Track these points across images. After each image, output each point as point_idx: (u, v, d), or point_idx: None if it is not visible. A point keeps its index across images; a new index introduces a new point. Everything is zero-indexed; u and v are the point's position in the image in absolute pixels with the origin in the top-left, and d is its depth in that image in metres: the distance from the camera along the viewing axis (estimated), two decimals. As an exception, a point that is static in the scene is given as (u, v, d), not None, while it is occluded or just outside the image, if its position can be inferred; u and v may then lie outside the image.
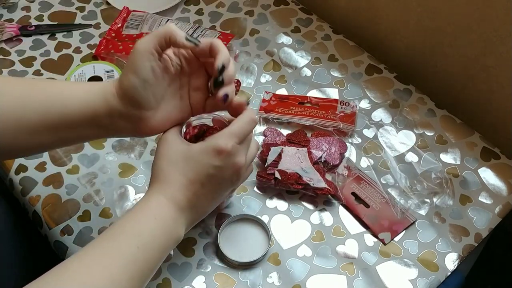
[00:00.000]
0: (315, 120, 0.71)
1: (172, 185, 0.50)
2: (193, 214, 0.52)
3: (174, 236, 0.50)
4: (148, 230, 0.48)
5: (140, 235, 0.48)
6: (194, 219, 0.53)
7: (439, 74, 0.79)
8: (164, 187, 0.50)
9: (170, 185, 0.50)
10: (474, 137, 0.71)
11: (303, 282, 0.59)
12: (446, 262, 0.60)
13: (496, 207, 0.65)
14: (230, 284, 0.59)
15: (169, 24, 0.51)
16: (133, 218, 0.49)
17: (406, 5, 0.76)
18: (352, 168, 0.67)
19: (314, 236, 0.63)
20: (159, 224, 0.49)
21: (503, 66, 0.69)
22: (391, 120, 0.73)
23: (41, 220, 0.64)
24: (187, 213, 0.51)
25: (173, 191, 0.50)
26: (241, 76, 0.78)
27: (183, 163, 0.50)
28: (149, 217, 0.49)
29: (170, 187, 0.50)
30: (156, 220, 0.49)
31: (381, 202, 0.64)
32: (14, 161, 0.68)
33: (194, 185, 0.50)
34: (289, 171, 0.64)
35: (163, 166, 0.51)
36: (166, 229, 0.49)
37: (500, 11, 0.64)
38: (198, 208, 0.52)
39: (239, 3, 0.88)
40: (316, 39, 0.83)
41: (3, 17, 0.86)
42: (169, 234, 0.50)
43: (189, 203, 0.50)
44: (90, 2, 0.88)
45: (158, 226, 0.49)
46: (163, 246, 0.49)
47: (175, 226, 0.50)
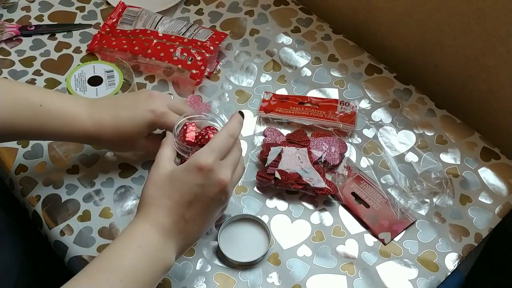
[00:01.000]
0: (315, 120, 0.71)
1: (157, 210, 0.50)
2: (183, 238, 0.51)
3: (161, 264, 0.49)
4: (131, 261, 0.47)
5: (122, 268, 0.47)
6: (185, 244, 0.52)
7: (439, 74, 0.79)
8: (149, 212, 0.50)
9: (155, 209, 0.50)
10: (474, 137, 0.71)
11: (303, 282, 0.59)
12: (446, 262, 0.60)
13: (496, 207, 0.65)
14: (230, 284, 0.59)
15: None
16: (116, 251, 0.48)
17: (406, 5, 0.76)
18: (352, 168, 0.67)
19: (314, 236, 0.63)
20: (144, 253, 0.48)
21: (503, 66, 0.69)
22: (391, 120, 0.73)
23: (41, 220, 0.64)
24: (176, 238, 0.50)
25: (158, 216, 0.49)
26: (241, 76, 0.78)
27: (168, 185, 0.50)
28: (133, 247, 0.48)
29: (156, 212, 0.49)
30: (140, 248, 0.48)
31: (381, 202, 0.64)
32: (14, 161, 0.68)
33: (180, 207, 0.50)
34: (289, 171, 0.64)
35: (149, 192, 0.51)
36: (152, 257, 0.48)
37: (500, 11, 0.64)
38: (188, 232, 0.51)
39: (239, 3, 0.88)
40: (316, 39, 0.83)
41: (3, 17, 0.86)
42: (155, 263, 0.48)
43: (176, 227, 0.50)
44: (90, 2, 0.88)
45: (143, 255, 0.48)
46: (150, 276, 0.48)
47: (163, 253, 0.49)
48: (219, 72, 0.79)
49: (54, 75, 0.78)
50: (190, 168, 0.50)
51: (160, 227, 0.49)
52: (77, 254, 0.61)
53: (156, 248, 0.49)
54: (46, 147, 0.70)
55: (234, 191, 0.66)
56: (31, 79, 0.77)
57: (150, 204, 0.50)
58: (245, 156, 0.69)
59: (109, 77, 0.69)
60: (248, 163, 0.68)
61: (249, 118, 0.73)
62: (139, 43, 0.77)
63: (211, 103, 0.75)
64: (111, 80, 0.69)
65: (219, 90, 0.76)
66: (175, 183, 0.50)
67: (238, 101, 0.75)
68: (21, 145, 0.70)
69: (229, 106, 0.75)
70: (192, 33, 0.79)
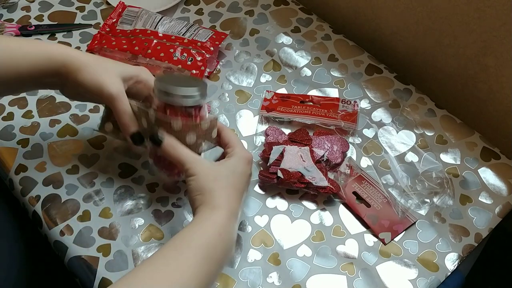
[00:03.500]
0: (316, 119, 0.71)
1: (231, 199, 0.54)
2: (238, 219, 0.56)
3: (232, 249, 0.54)
4: (213, 243, 0.50)
5: (203, 247, 0.50)
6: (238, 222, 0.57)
7: (439, 74, 0.79)
8: (228, 201, 0.54)
9: (229, 199, 0.54)
10: (474, 137, 0.71)
11: (303, 282, 0.59)
12: (446, 262, 0.61)
13: (496, 207, 0.65)
14: (230, 284, 0.59)
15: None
16: (198, 231, 0.51)
17: (406, 5, 0.76)
18: (354, 168, 0.67)
19: (314, 236, 0.63)
20: (222, 241, 0.51)
21: (503, 66, 0.69)
22: (391, 120, 0.73)
23: (41, 220, 0.64)
24: (237, 223, 0.55)
25: (233, 204, 0.54)
26: (241, 76, 0.78)
27: (232, 177, 0.55)
28: (214, 233, 0.51)
29: (231, 201, 0.54)
30: (220, 236, 0.51)
31: (382, 202, 0.64)
32: (14, 161, 0.68)
33: (242, 194, 0.56)
34: (291, 170, 0.64)
35: (217, 185, 0.54)
36: (229, 243, 0.53)
37: (500, 11, 0.64)
38: (240, 212, 0.56)
39: (239, 3, 0.88)
40: (316, 39, 0.83)
41: (3, 17, 0.86)
42: (230, 249, 0.53)
43: (239, 213, 0.55)
44: (90, 2, 0.88)
45: (223, 242, 0.51)
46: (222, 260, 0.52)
47: (234, 237, 0.54)
48: (219, 72, 0.79)
49: (54, 75, 0.78)
50: (243, 160, 0.57)
51: (234, 215, 0.54)
52: (77, 254, 0.61)
53: (232, 234, 0.53)
54: (46, 147, 0.70)
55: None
56: (31, 79, 0.77)
57: (221, 195, 0.54)
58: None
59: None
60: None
61: (249, 118, 0.73)
62: (139, 43, 0.77)
63: (211, 103, 0.75)
64: None
65: (219, 90, 0.76)
66: (238, 174, 0.56)
67: (238, 101, 0.75)
68: (21, 145, 0.70)
69: (229, 106, 0.75)
70: (192, 33, 0.79)
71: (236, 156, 0.57)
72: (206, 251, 0.49)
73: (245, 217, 0.64)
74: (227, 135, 0.60)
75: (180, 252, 0.49)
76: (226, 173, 0.55)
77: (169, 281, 0.46)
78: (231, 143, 0.59)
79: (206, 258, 0.49)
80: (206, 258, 0.49)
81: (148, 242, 0.62)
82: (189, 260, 0.48)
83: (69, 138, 0.71)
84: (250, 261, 0.61)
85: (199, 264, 0.48)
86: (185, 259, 0.48)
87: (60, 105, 0.74)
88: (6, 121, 0.73)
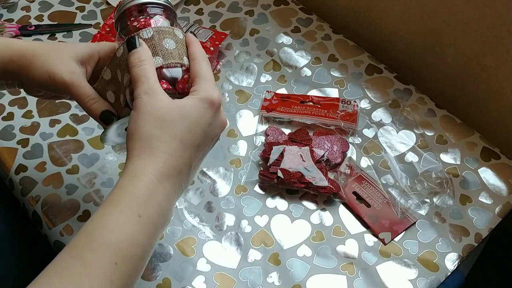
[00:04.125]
0: (316, 119, 0.71)
1: (165, 157, 0.41)
2: (182, 189, 0.44)
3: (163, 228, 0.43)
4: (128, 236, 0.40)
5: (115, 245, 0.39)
6: (179, 195, 0.45)
7: (439, 74, 0.79)
8: (155, 161, 0.41)
9: (162, 156, 0.41)
10: (474, 137, 0.71)
11: (303, 282, 0.59)
12: (446, 262, 0.60)
13: (496, 207, 0.65)
14: (230, 284, 0.59)
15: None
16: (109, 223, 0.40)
17: (406, 5, 0.76)
18: (354, 168, 0.67)
19: (314, 236, 0.63)
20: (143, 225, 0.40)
21: (503, 66, 0.69)
22: (391, 120, 0.73)
23: (41, 220, 0.64)
24: (179, 191, 0.44)
25: (166, 165, 0.41)
26: (241, 76, 0.78)
27: (180, 124, 0.42)
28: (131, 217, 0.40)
29: (164, 160, 0.41)
30: (141, 218, 0.40)
31: (382, 202, 0.64)
32: (14, 161, 0.68)
33: (190, 151, 0.43)
34: (291, 170, 0.64)
35: (152, 130, 0.42)
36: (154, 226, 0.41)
37: (500, 11, 0.64)
38: (188, 180, 0.44)
39: (239, 3, 0.88)
40: (316, 39, 0.83)
41: (3, 17, 0.86)
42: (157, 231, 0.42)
43: (181, 178, 0.43)
44: (90, 2, 0.88)
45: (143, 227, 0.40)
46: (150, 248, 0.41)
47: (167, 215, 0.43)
48: (219, 72, 0.79)
49: (54, 75, 0.78)
50: (204, 104, 0.43)
51: (167, 180, 0.42)
52: (77, 254, 0.61)
53: (160, 212, 0.42)
54: (46, 147, 0.70)
55: (234, 190, 0.66)
56: (31, 79, 0.77)
57: (155, 149, 0.42)
58: (246, 155, 0.69)
59: None
60: (249, 163, 0.68)
61: (249, 118, 0.73)
62: (139, 43, 0.77)
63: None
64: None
65: (219, 90, 0.76)
66: (187, 121, 0.43)
67: (238, 101, 0.75)
68: (21, 145, 0.70)
69: (229, 106, 0.75)
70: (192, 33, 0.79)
71: (195, 97, 0.44)
72: (119, 250, 0.39)
73: (245, 217, 0.64)
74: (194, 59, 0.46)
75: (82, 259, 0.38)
76: (175, 117, 0.42)
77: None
78: (196, 74, 0.46)
79: (122, 258, 0.39)
80: (121, 258, 0.38)
81: (148, 242, 0.62)
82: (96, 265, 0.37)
83: (69, 138, 0.71)
84: (250, 261, 0.61)
85: (110, 271, 0.38)
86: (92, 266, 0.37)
87: (60, 105, 0.74)
88: (6, 121, 0.73)
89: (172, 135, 0.42)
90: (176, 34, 0.47)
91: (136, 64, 0.45)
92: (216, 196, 0.66)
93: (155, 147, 0.42)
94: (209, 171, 0.68)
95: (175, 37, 0.47)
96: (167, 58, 0.46)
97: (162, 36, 0.46)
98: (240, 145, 0.70)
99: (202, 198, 0.65)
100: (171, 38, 0.46)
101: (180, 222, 0.63)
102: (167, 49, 0.46)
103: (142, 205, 0.40)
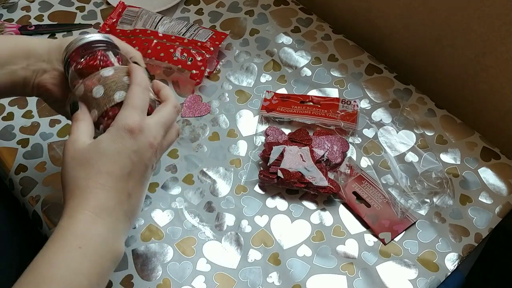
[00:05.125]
0: (316, 119, 0.71)
1: (96, 192, 0.42)
2: (128, 216, 0.45)
3: (110, 258, 0.43)
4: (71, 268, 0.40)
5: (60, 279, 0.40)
6: (130, 222, 0.45)
7: (439, 74, 0.79)
8: (86, 198, 0.42)
9: (93, 192, 0.42)
10: (474, 137, 0.71)
11: (303, 282, 0.59)
12: (446, 262, 0.60)
13: (496, 207, 0.65)
14: (230, 284, 0.59)
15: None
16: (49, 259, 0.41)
17: (406, 5, 0.76)
18: (354, 168, 0.67)
19: (314, 236, 0.63)
20: (86, 255, 0.41)
21: (503, 66, 0.69)
22: (391, 120, 0.73)
23: (41, 220, 0.64)
24: (123, 219, 0.44)
25: (99, 199, 0.42)
26: (241, 76, 0.78)
27: (101, 160, 0.43)
28: (72, 251, 0.41)
29: (95, 196, 0.42)
30: (81, 249, 0.41)
31: (382, 202, 0.64)
32: (14, 161, 0.68)
33: (121, 182, 0.43)
34: (291, 170, 0.64)
35: (78, 173, 0.43)
36: (98, 255, 0.42)
37: (500, 11, 0.64)
38: (132, 207, 0.45)
39: (239, 3, 0.88)
40: (316, 39, 0.83)
41: (3, 17, 0.86)
42: (102, 260, 0.42)
43: (121, 206, 0.43)
44: (90, 2, 0.88)
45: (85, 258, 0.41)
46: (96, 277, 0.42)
47: (111, 244, 0.43)
48: (219, 72, 0.79)
49: (54, 75, 0.78)
50: (120, 133, 0.43)
51: (104, 213, 0.42)
52: (77, 254, 0.61)
53: (103, 242, 0.42)
54: (46, 147, 0.70)
55: (234, 190, 0.66)
56: (31, 79, 0.77)
57: (84, 188, 0.42)
58: (246, 155, 0.69)
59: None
60: (249, 163, 0.68)
61: (249, 118, 0.73)
62: (139, 43, 0.77)
63: (211, 103, 0.75)
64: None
65: (219, 90, 0.76)
66: (109, 155, 0.43)
67: (238, 101, 0.75)
68: (21, 145, 0.70)
69: (229, 106, 0.75)
70: (192, 33, 0.79)
71: (113, 128, 0.44)
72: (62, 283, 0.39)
73: (245, 217, 0.64)
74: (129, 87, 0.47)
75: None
76: (96, 156, 0.43)
77: None
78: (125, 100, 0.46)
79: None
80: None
81: (148, 242, 0.62)
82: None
83: (69, 138, 0.71)
84: (250, 261, 0.61)
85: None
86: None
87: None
88: (6, 121, 0.73)
89: (96, 171, 0.43)
90: (104, 75, 0.49)
91: (73, 123, 0.47)
92: (216, 196, 0.66)
93: (84, 186, 0.43)
94: (209, 171, 0.68)
95: (100, 78, 0.48)
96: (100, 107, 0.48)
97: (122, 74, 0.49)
98: (240, 145, 0.70)
99: (202, 198, 0.65)
100: (99, 84, 0.48)
101: (180, 222, 0.63)
102: (96, 98, 0.48)
103: (82, 238, 0.41)
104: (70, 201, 0.43)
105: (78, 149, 0.44)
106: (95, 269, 0.41)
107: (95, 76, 0.48)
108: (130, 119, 0.44)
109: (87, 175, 0.43)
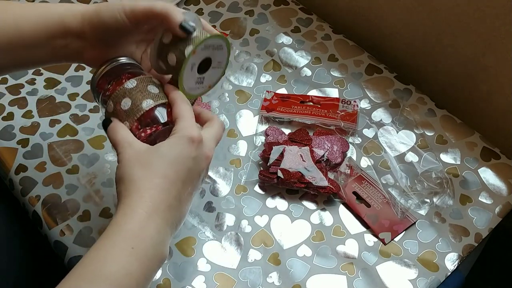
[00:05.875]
0: (316, 119, 0.71)
1: (152, 194, 0.43)
2: (176, 223, 0.46)
3: (157, 262, 0.44)
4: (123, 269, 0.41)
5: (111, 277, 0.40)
6: (176, 230, 0.46)
7: (439, 74, 0.79)
8: (143, 198, 0.43)
9: (149, 193, 0.43)
10: (474, 137, 0.71)
11: (303, 282, 0.59)
12: (446, 262, 0.61)
13: (496, 207, 0.65)
14: (230, 284, 0.59)
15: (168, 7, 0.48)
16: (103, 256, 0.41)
17: (406, 5, 0.76)
18: (354, 168, 0.67)
19: (314, 236, 0.63)
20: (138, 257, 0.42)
21: (503, 66, 0.69)
22: (391, 120, 0.73)
23: (41, 220, 0.64)
24: (171, 224, 0.45)
25: (155, 201, 0.43)
26: (241, 76, 0.78)
27: (159, 162, 0.44)
28: (125, 250, 0.41)
29: (151, 197, 0.43)
30: (134, 250, 0.42)
31: (382, 202, 0.64)
32: (14, 161, 0.68)
33: (176, 187, 0.45)
34: (291, 170, 0.64)
35: (136, 173, 0.44)
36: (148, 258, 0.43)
37: (500, 11, 0.64)
38: (180, 214, 0.46)
39: (239, 3, 0.88)
40: (316, 39, 0.83)
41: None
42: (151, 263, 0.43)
43: (172, 212, 0.45)
44: (90, 2, 0.88)
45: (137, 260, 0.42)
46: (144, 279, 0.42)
47: (159, 248, 0.44)
48: (219, 72, 0.79)
49: (54, 75, 0.78)
50: (182, 141, 0.45)
51: (159, 216, 0.43)
52: (77, 254, 0.61)
53: (153, 244, 0.43)
54: (46, 147, 0.70)
55: (234, 190, 0.66)
56: (31, 79, 0.77)
57: (140, 187, 0.43)
58: (246, 155, 0.69)
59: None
60: (249, 163, 0.68)
61: (249, 118, 0.73)
62: (139, 43, 0.77)
63: (211, 103, 0.75)
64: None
65: (219, 90, 0.76)
66: (167, 159, 0.44)
67: (238, 101, 0.75)
68: (21, 145, 0.70)
69: (229, 106, 0.75)
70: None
71: (174, 136, 0.46)
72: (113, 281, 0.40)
73: (245, 217, 0.64)
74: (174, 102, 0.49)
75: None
76: (155, 158, 0.44)
77: None
78: (176, 115, 0.48)
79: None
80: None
81: (148, 242, 0.62)
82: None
83: (69, 138, 0.71)
84: (250, 261, 0.61)
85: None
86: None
87: (60, 105, 0.74)
88: (6, 121, 0.73)
89: (154, 172, 0.44)
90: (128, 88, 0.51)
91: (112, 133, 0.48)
92: (216, 196, 0.66)
93: (140, 186, 0.44)
94: (209, 171, 0.68)
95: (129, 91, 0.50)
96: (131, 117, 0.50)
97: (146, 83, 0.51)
98: (240, 145, 0.70)
99: (202, 198, 0.65)
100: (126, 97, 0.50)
101: (180, 222, 0.64)
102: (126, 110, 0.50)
103: (135, 238, 0.42)
104: (125, 199, 0.44)
105: (137, 151, 0.46)
106: (142, 271, 0.42)
107: (120, 91, 0.50)
108: (193, 131, 0.46)
109: (144, 175, 0.44)
